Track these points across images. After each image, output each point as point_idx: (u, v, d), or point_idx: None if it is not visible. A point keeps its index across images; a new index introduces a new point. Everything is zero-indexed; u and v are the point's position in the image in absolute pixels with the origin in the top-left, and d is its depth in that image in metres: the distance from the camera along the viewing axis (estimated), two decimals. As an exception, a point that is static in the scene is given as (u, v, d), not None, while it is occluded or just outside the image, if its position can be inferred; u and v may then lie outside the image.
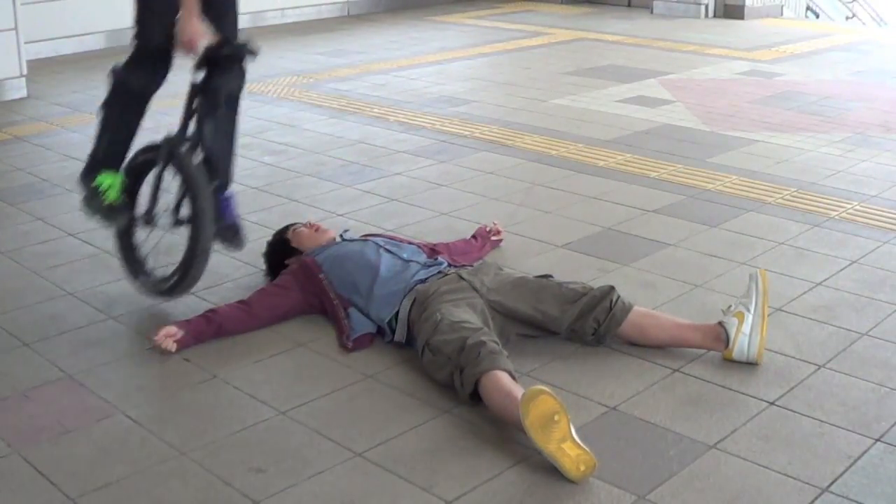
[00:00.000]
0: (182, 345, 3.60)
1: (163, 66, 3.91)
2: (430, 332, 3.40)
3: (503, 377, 3.12)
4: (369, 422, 3.18)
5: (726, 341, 3.50)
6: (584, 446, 2.84)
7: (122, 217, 4.00)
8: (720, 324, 3.55)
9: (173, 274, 3.90)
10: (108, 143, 3.96)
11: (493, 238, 4.53)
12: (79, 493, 2.83)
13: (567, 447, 2.83)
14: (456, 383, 3.23)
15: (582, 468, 2.82)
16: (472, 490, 2.82)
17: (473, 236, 4.51)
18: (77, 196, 5.38)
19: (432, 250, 4.08)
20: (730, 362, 3.51)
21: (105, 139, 3.96)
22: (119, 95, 3.96)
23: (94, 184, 3.92)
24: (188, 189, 3.82)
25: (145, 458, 2.99)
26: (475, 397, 3.18)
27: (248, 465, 2.95)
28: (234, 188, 5.54)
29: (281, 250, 4.17)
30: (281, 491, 2.83)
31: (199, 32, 3.72)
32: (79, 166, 5.90)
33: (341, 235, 4.19)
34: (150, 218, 4.01)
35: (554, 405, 2.85)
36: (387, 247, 3.94)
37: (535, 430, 2.85)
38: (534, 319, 3.62)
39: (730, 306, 3.58)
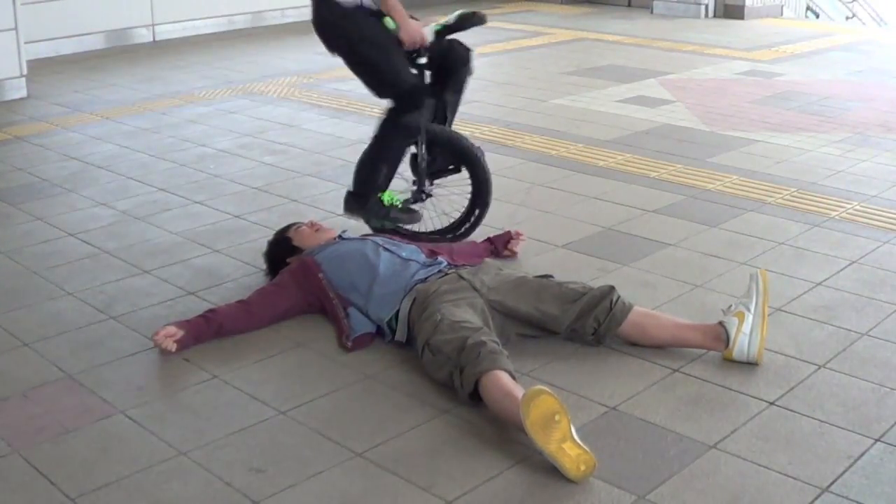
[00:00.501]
0: (182, 345, 3.60)
1: (427, 94, 4.43)
2: (430, 331, 3.40)
3: (503, 377, 3.12)
4: (369, 422, 3.18)
5: (726, 341, 3.50)
6: (585, 446, 2.84)
7: (417, 211, 4.57)
8: (720, 324, 3.55)
9: (468, 213, 4.64)
10: (386, 173, 4.51)
11: (505, 253, 4.47)
12: (78, 492, 2.83)
13: (567, 447, 2.83)
14: (456, 383, 3.23)
15: (582, 468, 2.82)
16: (472, 490, 2.82)
17: (492, 242, 4.47)
18: (75, 196, 5.43)
19: (431, 251, 4.08)
20: (730, 362, 3.51)
21: (383, 169, 4.50)
22: (398, 136, 4.49)
23: (385, 203, 4.47)
24: (456, 144, 4.57)
25: (145, 458, 2.99)
26: (475, 397, 3.17)
27: (247, 465, 2.95)
28: (234, 188, 5.57)
29: (282, 249, 4.17)
30: (281, 491, 2.83)
31: (417, 31, 4.26)
32: (78, 166, 5.96)
33: (340, 235, 4.18)
34: (423, 192, 4.64)
35: (554, 405, 2.85)
36: (386, 245, 3.94)
37: (535, 431, 2.85)
38: (534, 319, 3.62)
39: (730, 306, 3.58)
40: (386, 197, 4.48)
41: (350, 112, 7.29)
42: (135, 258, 4.55)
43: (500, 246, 4.46)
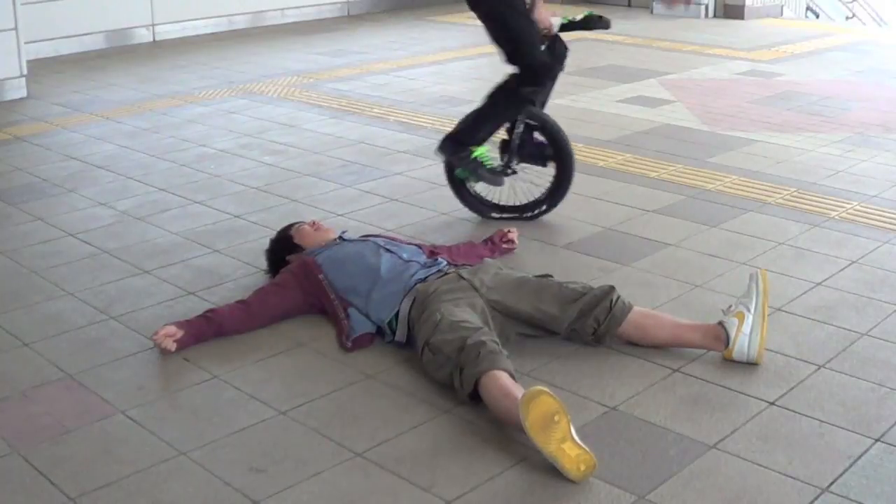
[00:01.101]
0: (182, 345, 3.60)
1: (551, 75, 4.78)
2: (430, 331, 3.39)
3: (503, 377, 3.12)
4: (369, 421, 3.18)
5: (726, 341, 3.50)
6: (584, 446, 2.84)
7: (502, 176, 4.86)
8: (720, 324, 3.54)
9: (535, 205, 4.97)
10: (488, 130, 4.81)
11: (504, 246, 4.50)
12: (79, 492, 2.83)
13: (567, 447, 2.83)
14: (455, 383, 3.23)
15: (582, 468, 2.82)
16: (472, 490, 2.82)
17: (490, 240, 4.48)
18: (75, 196, 5.43)
19: (432, 251, 4.07)
20: (730, 362, 3.51)
21: (486, 127, 4.80)
22: (512, 103, 4.73)
23: (475, 156, 4.79)
24: (552, 133, 4.85)
25: (145, 457, 2.99)
26: (474, 397, 3.17)
27: (248, 465, 2.95)
28: (234, 188, 5.57)
29: (283, 247, 4.17)
30: (281, 491, 2.83)
31: (548, 16, 4.68)
32: (78, 166, 5.96)
33: (341, 236, 4.18)
34: (509, 167, 4.90)
35: (554, 405, 2.85)
36: (387, 247, 3.94)
37: (535, 431, 2.85)
38: (533, 319, 3.62)
39: (730, 306, 3.58)
40: (479, 152, 4.79)
41: (350, 112, 7.29)
42: (135, 258, 4.55)
43: (499, 241, 4.47)
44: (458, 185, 5.01)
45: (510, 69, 4.68)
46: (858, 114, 7.14)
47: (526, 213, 4.97)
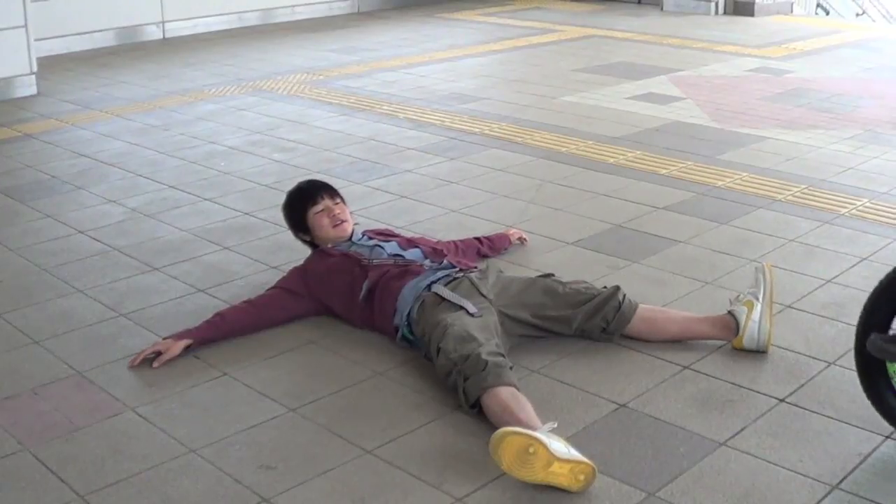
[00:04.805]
0: (191, 346, 3.60)
1: None
2: (440, 337, 3.35)
3: (504, 393, 3.06)
4: (379, 419, 3.18)
5: (736, 329, 3.50)
6: (575, 456, 2.77)
7: None
8: (729, 313, 3.55)
9: None
10: None
11: (516, 241, 4.51)
12: (88, 490, 2.84)
13: (556, 468, 2.75)
14: (459, 392, 3.19)
15: (581, 478, 2.75)
16: (481, 487, 2.82)
17: (489, 241, 4.44)
18: (85, 193, 5.44)
19: (434, 249, 4.01)
20: (739, 359, 3.50)
21: None
22: None
23: None
24: None
25: (155, 455, 3.00)
26: (476, 406, 3.14)
27: (257, 463, 2.96)
28: (243, 185, 5.57)
29: (299, 215, 4.14)
30: (291, 488, 2.83)
31: None
32: (88, 163, 5.97)
33: (350, 237, 4.09)
34: None
35: (522, 440, 2.77)
36: (394, 252, 3.89)
37: (516, 471, 2.77)
38: (540, 324, 3.59)
39: (738, 296, 3.59)
40: None
41: (359, 109, 7.29)
42: (144, 255, 4.56)
43: (498, 244, 4.46)
44: (877, 384, 3.11)
45: None
46: (869, 111, 7.12)
47: None
